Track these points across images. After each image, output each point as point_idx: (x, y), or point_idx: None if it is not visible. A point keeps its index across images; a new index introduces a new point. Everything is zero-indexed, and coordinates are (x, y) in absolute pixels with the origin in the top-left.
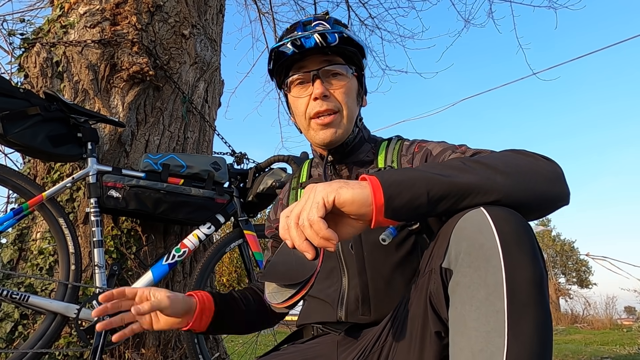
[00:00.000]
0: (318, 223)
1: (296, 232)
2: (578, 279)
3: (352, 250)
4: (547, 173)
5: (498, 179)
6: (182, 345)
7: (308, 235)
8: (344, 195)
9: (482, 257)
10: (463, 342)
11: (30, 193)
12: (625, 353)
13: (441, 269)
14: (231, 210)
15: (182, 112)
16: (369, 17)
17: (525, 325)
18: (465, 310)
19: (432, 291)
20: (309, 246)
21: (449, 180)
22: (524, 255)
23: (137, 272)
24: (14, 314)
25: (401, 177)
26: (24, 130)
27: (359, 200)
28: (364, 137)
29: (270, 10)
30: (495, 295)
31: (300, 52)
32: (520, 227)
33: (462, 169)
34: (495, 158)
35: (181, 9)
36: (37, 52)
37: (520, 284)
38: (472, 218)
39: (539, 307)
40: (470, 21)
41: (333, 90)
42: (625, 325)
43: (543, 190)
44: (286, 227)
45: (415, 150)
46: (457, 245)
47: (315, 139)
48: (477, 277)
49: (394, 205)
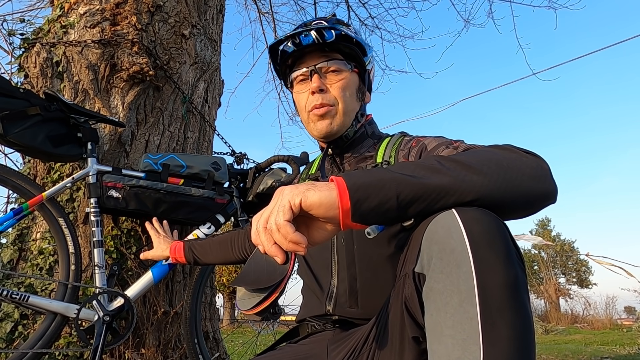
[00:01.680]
0: (285, 227)
1: (265, 236)
2: (578, 279)
3: (343, 243)
4: (531, 170)
5: (474, 179)
6: (182, 345)
7: (277, 239)
8: (311, 198)
9: (453, 262)
10: (440, 350)
11: (30, 193)
12: (625, 353)
13: (414, 274)
14: (231, 210)
15: (182, 112)
16: (369, 17)
17: (501, 331)
18: (441, 318)
19: (407, 296)
20: (278, 250)
21: (419, 182)
22: (495, 258)
23: (137, 272)
24: (14, 314)
25: (369, 179)
26: (24, 130)
27: (326, 203)
28: (366, 132)
29: (270, 10)
30: (468, 302)
31: (299, 49)
32: (492, 227)
33: (435, 169)
34: (475, 155)
35: (181, 9)
36: (37, 52)
37: (492, 288)
38: (443, 221)
39: (514, 311)
40: (470, 21)
41: (330, 85)
42: (625, 325)
43: (526, 188)
44: (256, 231)
45: (413, 144)
46: (428, 249)
47: (312, 130)
48: (449, 284)
49: (362, 210)
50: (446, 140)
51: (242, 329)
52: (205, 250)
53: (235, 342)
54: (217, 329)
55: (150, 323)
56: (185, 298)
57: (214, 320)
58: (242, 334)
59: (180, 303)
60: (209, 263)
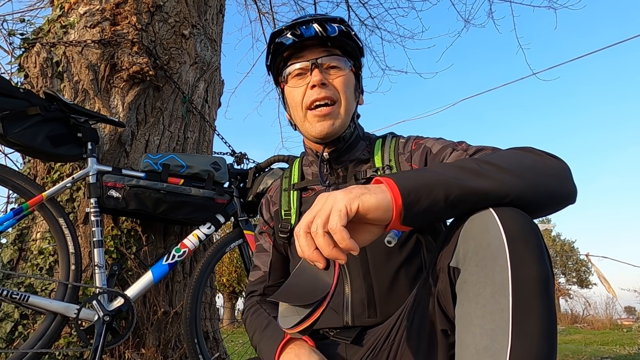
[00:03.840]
0: (341, 232)
1: (306, 240)
2: (578, 279)
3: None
4: (556, 172)
5: (512, 182)
6: (182, 345)
7: (319, 244)
8: (368, 202)
9: (489, 255)
10: (468, 339)
11: (30, 193)
12: (625, 353)
13: (449, 268)
14: (231, 210)
15: (182, 112)
16: (369, 17)
17: (530, 324)
18: (471, 308)
19: (440, 290)
20: (319, 256)
21: (465, 185)
22: (530, 254)
23: (137, 272)
24: (14, 314)
25: (419, 181)
26: (24, 130)
27: (382, 206)
28: (359, 134)
29: (270, 10)
30: (501, 293)
31: (300, 41)
32: (527, 226)
33: (477, 172)
34: (507, 158)
35: (181, 9)
36: (37, 52)
37: (526, 282)
38: (480, 218)
39: (544, 306)
40: (470, 21)
41: (332, 80)
42: (625, 325)
43: (553, 189)
44: (297, 235)
45: (413, 147)
46: (465, 244)
47: (311, 131)
48: (483, 275)
49: (412, 212)
50: (448, 142)
51: (242, 329)
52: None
53: (235, 342)
54: (217, 329)
55: (150, 323)
56: (185, 298)
57: (214, 320)
58: (242, 334)
59: (180, 303)
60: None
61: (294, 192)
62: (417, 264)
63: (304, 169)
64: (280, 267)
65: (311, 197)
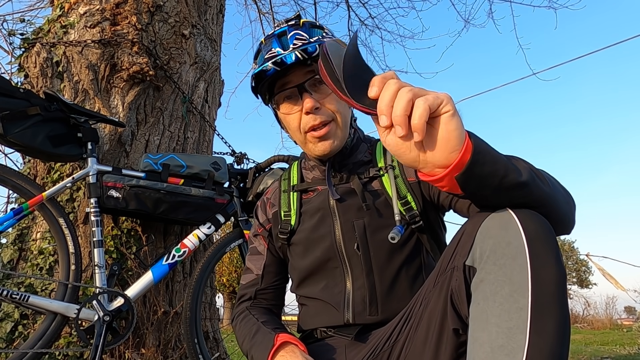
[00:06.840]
0: (427, 112)
1: (405, 104)
2: (578, 279)
3: (357, 250)
4: (570, 201)
5: (547, 191)
6: (182, 345)
7: (417, 115)
8: (457, 118)
9: (508, 254)
10: (483, 337)
11: (30, 193)
12: (625, 353)
13: (464, 267)
14: (231, 210)
15: (182, 112)
16: (369, 17)
17: (548, 323)
18: (488, 306)
19: (454, 289)
20: (405, 121)
21: (518, 177)
22: (549, 255)
23: (137, 272)
24: (14, 314)
25: (490, 149)
26: (24, 130)
27: (459, 135)
28: (360, 137)
29: (270, 10)
30: (520, 293)
31: (282, 69)
32: (545, 227)
33: (528, 171)
34: (545, 173)
35: (181, 9)
36: (37, 52)
37: (545, 282)
38: (499, 217)
39: (560, 307)
40: (470, 21)
41: (323, 101)
42: (625, 325)
43: (567, 217)
44: (393, 94)
45: None
46: (482, 243)
47: (314, 151)
48: (502, 274)
49: (473, 170)
50: None
51: None
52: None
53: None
54: (217, 329)
55: (150, 323)
56: (185, 298)
57: (214, 320)
58: None
59: (180, 303)
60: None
61: (294, 193)
62: (417, 264)
63: (303, 172)
64: (274, 270)
65: (312, 198)
